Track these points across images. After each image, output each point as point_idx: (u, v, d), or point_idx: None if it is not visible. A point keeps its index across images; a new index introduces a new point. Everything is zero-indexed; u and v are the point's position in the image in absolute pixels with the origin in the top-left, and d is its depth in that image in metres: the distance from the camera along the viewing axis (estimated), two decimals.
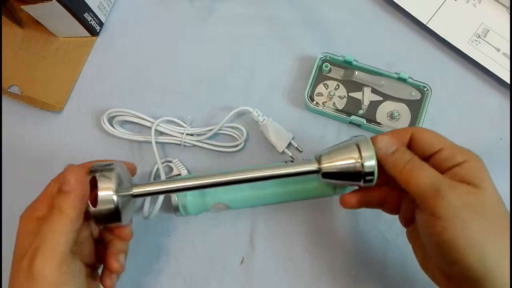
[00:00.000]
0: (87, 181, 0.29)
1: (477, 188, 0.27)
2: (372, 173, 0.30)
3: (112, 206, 0.29)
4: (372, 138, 0.31)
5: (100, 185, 0.29)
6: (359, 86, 0.44)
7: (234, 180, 0.32)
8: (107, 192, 0.29)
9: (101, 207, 0.29)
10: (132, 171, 0.36)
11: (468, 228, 0.25)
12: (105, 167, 0.30)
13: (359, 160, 0.30)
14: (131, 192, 0.31)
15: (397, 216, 0.34)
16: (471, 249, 0.25)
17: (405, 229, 0.33)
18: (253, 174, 0.32)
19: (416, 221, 0.29)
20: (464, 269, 0.26)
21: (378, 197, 0.33)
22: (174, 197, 0.38)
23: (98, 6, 0.47)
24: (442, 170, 0.28)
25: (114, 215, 0.29)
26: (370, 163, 0.30)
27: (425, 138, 0.30)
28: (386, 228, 0.41)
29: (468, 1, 0.47)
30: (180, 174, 0.43)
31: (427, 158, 0.30)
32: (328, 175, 0.31)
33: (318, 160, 0.32)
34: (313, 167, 0.32)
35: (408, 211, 0.32)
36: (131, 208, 0.32)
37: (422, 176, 0.27)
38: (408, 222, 0.33)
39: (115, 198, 0.29)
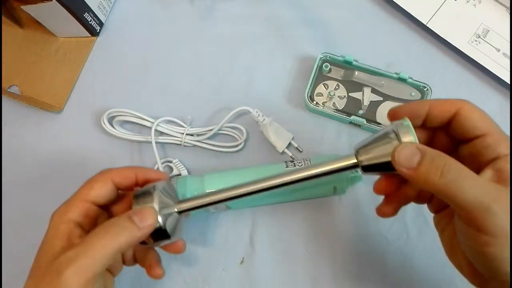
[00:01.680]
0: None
1: None
2: None
3: (157, 226, 0.29)
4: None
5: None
6: (359, 86, 0.44)
7: (275, 185, 0.31)
8: None
9: None
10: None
11: None
12: (146, 190, 0.31)
13: None
14: (175, 210, 0.32)
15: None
16: None
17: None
18: (295, 176, 0.31)
19: (455, 225, 0.27)
20: (501, 276, 0.25)
21: (411, 194, 0.31)
22: None
23: (98, 6, 0.47)
24: (482, 161, 0.26)
25: (161, 234, 0.30)
26: None
27: (473, 119, 0.26)
28: (387, 229, 0.41)
29: (468, 1, 0.47)
30: (180, 174, 0.43)
31: (465, 140, 0.27)
32: (369, 167, 0.29)
33: (356, 154, 0.29)
34: (352, 161, 0.29)
35: (440, 200, 0.30)
36: (178, 225, 0.32)
37: (467, 190, 0.24)
38: (437, 209, 0.31)
39: (159, 218, 0.29)
